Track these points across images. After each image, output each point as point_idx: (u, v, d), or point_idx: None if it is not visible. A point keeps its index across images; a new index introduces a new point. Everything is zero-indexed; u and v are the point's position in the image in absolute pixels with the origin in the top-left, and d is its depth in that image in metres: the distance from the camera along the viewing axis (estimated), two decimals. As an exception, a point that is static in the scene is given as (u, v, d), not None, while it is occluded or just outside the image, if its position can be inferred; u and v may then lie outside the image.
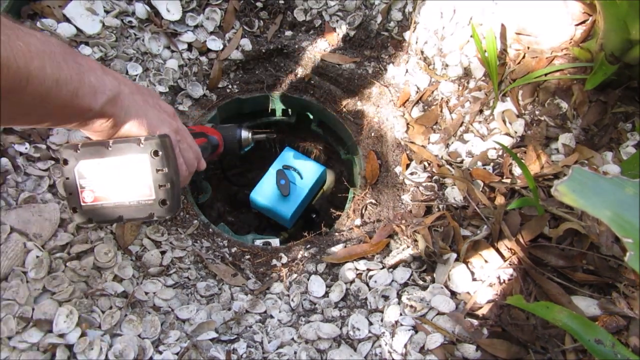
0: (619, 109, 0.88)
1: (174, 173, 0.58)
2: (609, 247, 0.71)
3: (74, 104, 0.49)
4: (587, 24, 0.93)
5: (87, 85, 0.50)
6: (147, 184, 0.57)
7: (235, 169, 1.42)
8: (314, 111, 1.22)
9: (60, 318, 0.69)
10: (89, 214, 0.58)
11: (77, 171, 0.57)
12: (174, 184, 0.57)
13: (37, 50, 0.44)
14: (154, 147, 0.56)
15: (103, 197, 0.57)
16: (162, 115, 0.61)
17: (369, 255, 0.89)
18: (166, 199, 0.57)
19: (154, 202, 0.57)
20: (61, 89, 0.47)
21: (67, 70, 0.47)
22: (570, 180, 0.42)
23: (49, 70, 0.45)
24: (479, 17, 1.01)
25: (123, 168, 0.56)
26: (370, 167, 1.06)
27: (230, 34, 1.13)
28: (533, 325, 0.69)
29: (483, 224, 0.81)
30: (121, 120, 0.55)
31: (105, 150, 0.55)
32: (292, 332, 0.77)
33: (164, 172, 0.56)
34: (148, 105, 0.59)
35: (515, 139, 0.91)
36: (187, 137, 0.67)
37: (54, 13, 0.96)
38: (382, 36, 1.12)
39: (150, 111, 0.59)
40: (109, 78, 0.53)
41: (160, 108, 0.62)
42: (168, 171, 0.56)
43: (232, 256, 0.95)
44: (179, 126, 0.65)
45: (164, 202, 0.57)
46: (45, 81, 0.45)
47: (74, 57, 0.50)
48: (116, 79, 0.54)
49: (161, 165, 0.56)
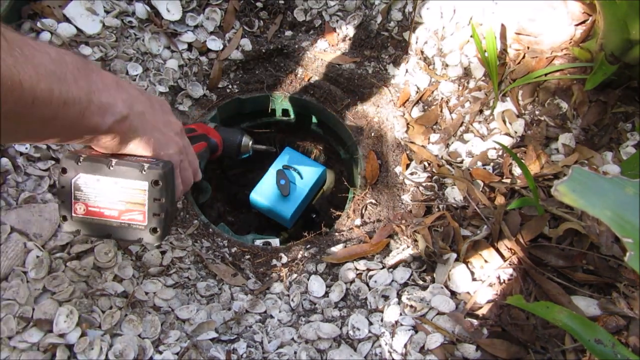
0: (619, 109, 0.88)
1: (169, 204, 0.58)
2: (609, 247, 0.71)
3: (81, 124, 0.49)
4: (587, 24, 0.93)
5: (97, 106, 0.49)
6: (142, 210, 0.57)
7: (236, 169, 1.42)
8: (314, 111, 1.22)
9: (60, 318, 0.69)
10: (78, 225, 0.58)
11: (75, 183, 0.56)
12: (168, 214, 0.58)
13: (46, 72, 0.43)
14: (155, 177, 0.55)
15: (96, 213, 0.57)
16: (169, 134, 0.61)
17: (369, 255, 0.89)
18: (157, 227, 0.57)
19: (145, 229, 0.58)
20: (69, 110, 0.46)
21: (76, 91, 0.46)
22: (570, 180, 0.42)
23: (57, 93, 0.44)
24: (479, 17, 1.01)
25: (121, 190, 0.56)
26: (370, 167, 1.06)
27: (230, 34, 1.13)
28: (533, 325, 0.69)
29: (483, 224, 0.81)
30: (127, 139, 0.55)
31: (107, 169, 0.55)
32: (292, 332, 0.77)
33: (160, 202, 0.57)
34: (158, 124, 0.59)
35: (515, 139, 0.91)
36: (189, 153, 0.67)
37: (54, 13, 0.96)
38: (382, 36, 1.12)
39: (159, 131, 0.59)
40: (123, 96, 0.52)
41: (170, 125, 0.62)
42: (165, 202, 0.57)
43: (232, 256, 0.95)
44: (184, 144, 0.64)
45: (154, 230, 0.58)
46: (52, 103, 0.44)
47: (88, 74, 0.49)
48: (130, 96, 0.54)
49: (159, 195, 0.56)
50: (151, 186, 0.56)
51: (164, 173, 0.56)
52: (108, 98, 0.50)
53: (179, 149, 0.61)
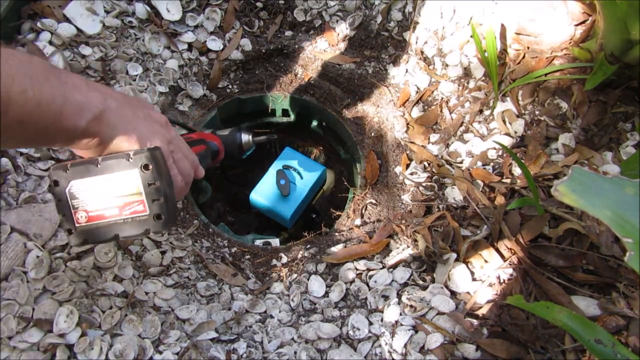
0: (619, 109, 0.88)
1: (166, 186, 0.56)
2: (609, 247, 0.71)
3: (57, 124, 0.47)
4: (587, 24, 0.94)
5: (72, 104, 0.48)
6: (140, 199, 0.55)
7: (236, 169, 1.42)
8: (314, 111, 1.22)
9: (60, 318, 0.69)
10: (84, 235, 0.57)
11: (69, 192, 0.55)
12: (168, 197, 0.56)
13: (17, 73, 0.43)
14: (144, 161, 0.54)
15: (97, 217, 0.56)
16: (153, 126, 0.59)
17: (369, 255, 0.89)
18: (161, 213, 0.55)
19: (149, 217, 0.56)
20: (43, 111, 0.45)
21: (49, 90, 0.46)
22: (570, 180, 0.42)
23: (31, 94, 0.43)
24: (479, 17, 1.01)
25: (114, 185, 0.55)
26: (370, 167, 1.06)
27: (230, 34, 1.13)
28: (533, 325, 0.69)
29: (483, 224, 0.81)
30: (108, 137, 0.53)
31: (95, 168, 0.54)
32: (292, 332, 0.77)
33: (156, 186, 0.55)
34: (138, 117, 0.57)
35: (515, 139, 0.91)
36: (181, 146, 0.65)
37: (54, 13, 0.96)
38: (382, 36, 1.12)
39: (141, 124, 0.57)
40: (95, 94, 0.51)
41: (152, 119, 0.60)
42: (160, 184, 0.55)
43: (232, 256, 0.95)
44: (172, 136, 0.62)
45: (159, 217, 0.56)
46: (27, 105, 0.43)
47: (57, 75, 0.48)
48: (102, 94, 0.53)
49: (153, 178, 0.54)
50: (142, 171, 0.54)
51: (152, 155, 0.54)
52: (81, 97, 0.49)
53: (166, 140, 0.59)
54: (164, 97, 1.05)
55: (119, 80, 0.97)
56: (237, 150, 0.98)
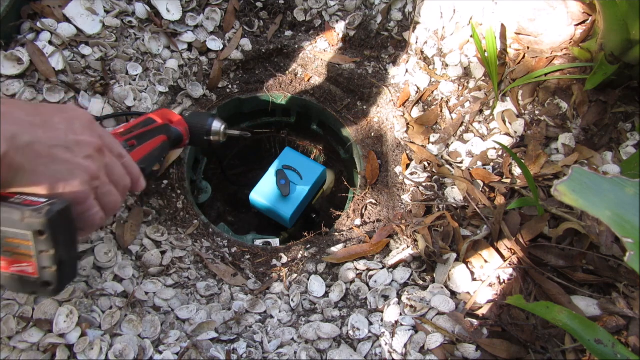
0: (619, 109, 0.88)
1: (64, 252, 0.50)
2: (609, 247, 0.71)
3: None
4: (587, 24, 0.94)
5: None
6: (31, 261, 0.49)
7: (236, 168, 1.42)
8: (314, 111, 1.22)
9: (60, 318, 0.69)
10: None
11: None
12: (63, 264, 0.50)
13: None
14: (37, 227, 0.46)
15: None
16: (74, 161, 0.50)
17: (369, 255, 0.89)
18: (50, 281, 0.49)
19: (36, 282, 0.50)
20: None
21: None
22: (570, 180, 0.42)
23: None
24: (479, 17, 1.01)
25: (6, 235, 0.48)
26: (370, 167, 1.06)
27: (230, 34, 1.13)
28: (533, 325, 0.69)
29: (483, 224, 0.81)
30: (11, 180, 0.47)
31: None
32: (292, 332, 0.77)
33: (49, 254, 0.48)
34: (54, 153, 0.49)
35: (515, 139, 0.91)
36: (114, 173, 0.56)
37: (54, 13, 0.96)
38: (382, 36, 1.12)
39: (56, 163, 0.49)
40: (5, 127, 0.45)
41: (79, 148, 0.51)
42: (55, 253, 0.48)
43: (232, 256, 0.95)
44: (99, 166, 0.53)
45: (47, 284, 0.50)
46: None
47: None
48: (13, 126, 0.46)
49: (46, 246, 0.48)
50: (35, 236, 0.47)
51: (49, 220, 0.46)
52: None
53: (89, 177, 0.51)
54: (163, 97, 1.05)
55: (119, 80, 0.97)
56: (202, 135, 0.91)
